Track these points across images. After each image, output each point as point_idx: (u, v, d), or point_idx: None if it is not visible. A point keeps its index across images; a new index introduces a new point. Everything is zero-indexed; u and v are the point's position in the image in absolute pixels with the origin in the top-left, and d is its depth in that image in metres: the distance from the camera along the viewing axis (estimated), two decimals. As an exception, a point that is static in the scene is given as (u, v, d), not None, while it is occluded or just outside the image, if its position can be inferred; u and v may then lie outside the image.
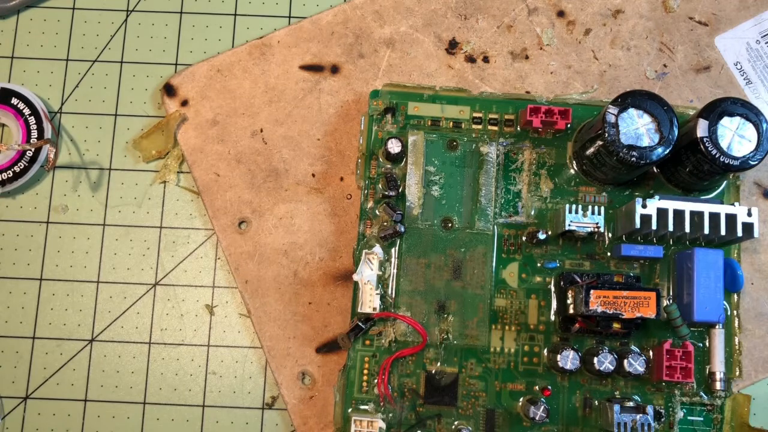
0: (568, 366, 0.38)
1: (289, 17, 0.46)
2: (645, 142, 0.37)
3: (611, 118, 0.37)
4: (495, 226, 0.40)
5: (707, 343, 0.39)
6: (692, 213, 0.38)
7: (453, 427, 0.38)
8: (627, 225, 0.38)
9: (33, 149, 0.43)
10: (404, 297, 0.39)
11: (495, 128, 0.41)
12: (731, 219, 0.38)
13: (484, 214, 0.40)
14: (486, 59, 0.44)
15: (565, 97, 0.43)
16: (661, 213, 0.38)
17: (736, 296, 0.40)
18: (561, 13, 0.45)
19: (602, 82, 0.44)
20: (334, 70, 0.44)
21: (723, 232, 0.38)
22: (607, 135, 0.37)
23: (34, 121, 0.43)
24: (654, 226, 0.38)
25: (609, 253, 0.40)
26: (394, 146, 0.40)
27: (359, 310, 0.39)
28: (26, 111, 0.43)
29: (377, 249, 0.39)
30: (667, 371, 0.37)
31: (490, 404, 0.39)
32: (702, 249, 0.38)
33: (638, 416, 0.37)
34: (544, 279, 0.40)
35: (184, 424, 0.41)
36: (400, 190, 0.40)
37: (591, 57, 0.44)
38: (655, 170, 0.41)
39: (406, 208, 0.40)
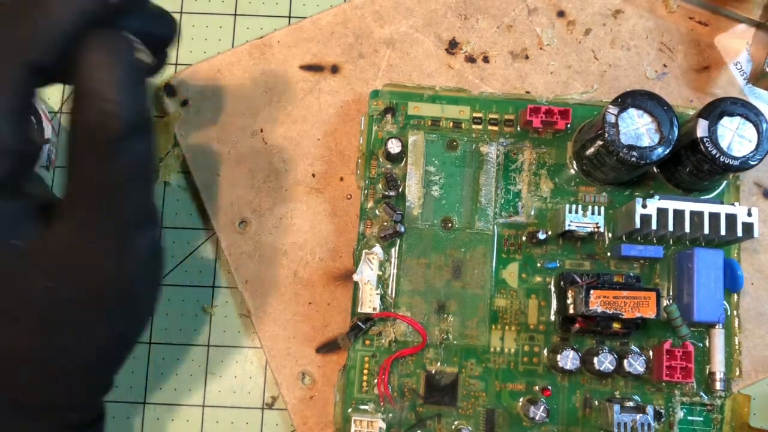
0: (568, 366, 0.38)
1: (289, 17, 0.46)
2: (645, 142, 0.37)
3: (611, 118, 0.37)
4: (495, 226, 0.40)
5: (707, 343, 0.39)
6: (692, 213, 0.38)
7: (453, 427, 0.38)
8: (627, 225, 0.38)
9: (33, 149, 0.43)
10: (404, 297, 0.39)
11: (495, 128, 0.41)
12: (731, 219, 0.38)
13: (484, 214, 0.40)
14: (486, 59, 0.44)
15: (565, 97, 0.43)
16: (661, 213, 0.38)
17: (736, 296, 0.40)
18: (561, 13, 0.45)
19: (602, 82, 0.44)
20: (334, 70, 0.44)
21: (723, 232, 0.38)
22: (607, 135, 0.37)
23: (35, 121, 0.43)
24: (654, 226, 0.38)
25: (609, 253, 0.40)
26: (394, 146, 0.40)
27: (359, 310, 0.39)
28: (26, 111, 0.43)
29: (377, 249, 0.39)
30: (667, 371, 0.37)
31: (490, 404, 0.39)
32: (702, 249, 0.38)
33: (638, 416, 0.37)
34: (544, 279, 0.40)
35: (184, 424, 0.41)
36: (400, 190, 0.40)
37: (591, 57, 0.44)
38: (655, 170, 0.41)
39: (406, 208, 0.40)
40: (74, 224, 0.28)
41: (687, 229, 0.38)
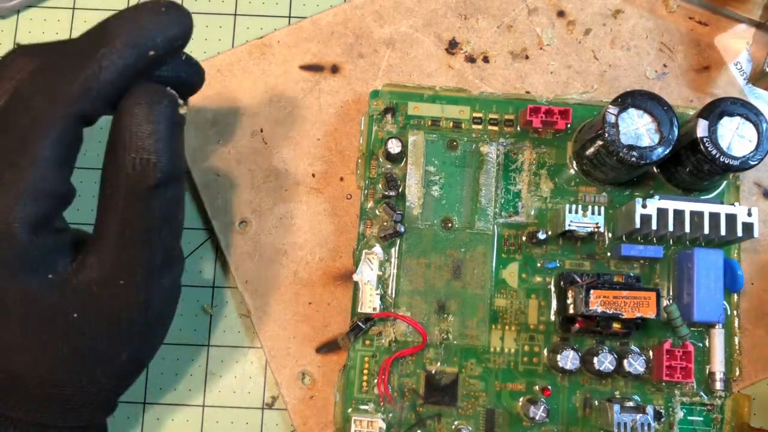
0: (568, 366, 0.38)
1: (289, 17, 0.46)
2: (645, 142, 0.37)
3: (611, 118, 0.37)
4: (495, 226, 0.40)
5: (707, 343, 0.39)
6: (692, 213, 0.38)
7: (453, 427, 0.38)
8: (627, 225, 0.38)
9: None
10: (404, 297, 0.39)
11: (495, 128, 0.41)
12: (731, 219, 0.38)
13: (484, 214, 0.40)
14: (486, 59, 0.44)
15: (565, 97, 0.43)
16: (661, 213, 0.38)
17: (736, 296, 0.40)
18: (561, 13, 0.45)
19: (602, 82, 0.44)
20: (334, 70, 0.44)
21: (723, 232, 0.38)
22: (607, 135, 0.37)
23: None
24: (654, 226, 0.38)
25: (609, 253, 0.40)
26: (394, 146, 0.40)
27: (359, 310, 0.39)
28: (26, 111, 0.43)
29: (377, 249, 0.39)
30: (667, 371, 0.37)
31: (490, 404, 0.39)
32: (702, 249, 0.38)
33: (638, 416, 0.37)
34: (544, 279, 0.40)
35: (184, 424, 0.41)
36: (400, 190, 0.40)
37: (591, 57, 0.44)
38: (655, 170, 0.41)
39: (406, 208, 0.40)
40: (106, 261, 0.30)
41: (687, 229, 0.38)
